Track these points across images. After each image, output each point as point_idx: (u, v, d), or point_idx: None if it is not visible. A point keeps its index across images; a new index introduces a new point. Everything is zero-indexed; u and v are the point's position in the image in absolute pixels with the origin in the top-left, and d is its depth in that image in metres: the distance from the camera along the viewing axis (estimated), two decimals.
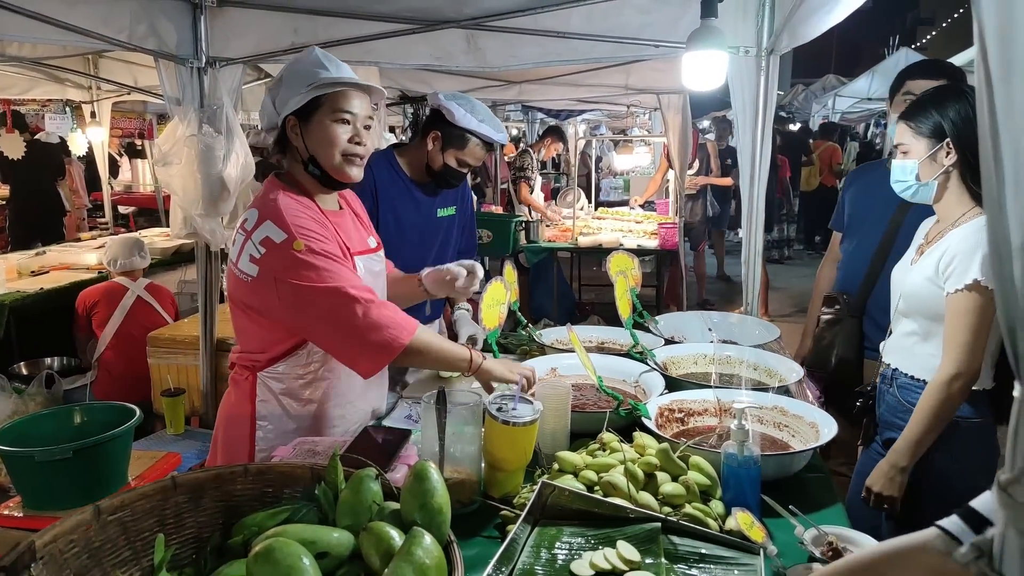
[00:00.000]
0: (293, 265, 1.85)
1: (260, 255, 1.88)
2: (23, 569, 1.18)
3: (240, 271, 1.92)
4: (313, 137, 1.97)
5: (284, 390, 2.07)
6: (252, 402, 2.07)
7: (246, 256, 1.90)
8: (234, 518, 1.47)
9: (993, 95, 0.58)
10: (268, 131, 2.05)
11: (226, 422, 2.18)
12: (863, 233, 2.81)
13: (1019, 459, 0.63)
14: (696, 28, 2.72)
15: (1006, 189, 0.59)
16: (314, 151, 1.97)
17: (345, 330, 1.87)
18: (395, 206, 2.90)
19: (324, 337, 1.94)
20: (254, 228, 1.90)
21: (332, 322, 1.87)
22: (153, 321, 4.49)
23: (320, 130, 1.96)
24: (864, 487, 2.17)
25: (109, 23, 3.06)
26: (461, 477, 1.71)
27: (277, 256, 1.86)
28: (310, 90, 1.92)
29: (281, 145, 2.04)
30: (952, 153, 2.05)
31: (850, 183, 3.02)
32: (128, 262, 4.55)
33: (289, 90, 1.95)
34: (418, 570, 1.13)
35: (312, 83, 1.93)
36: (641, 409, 2.08)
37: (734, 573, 1.42)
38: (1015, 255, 0.60)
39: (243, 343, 2.12)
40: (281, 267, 1.86)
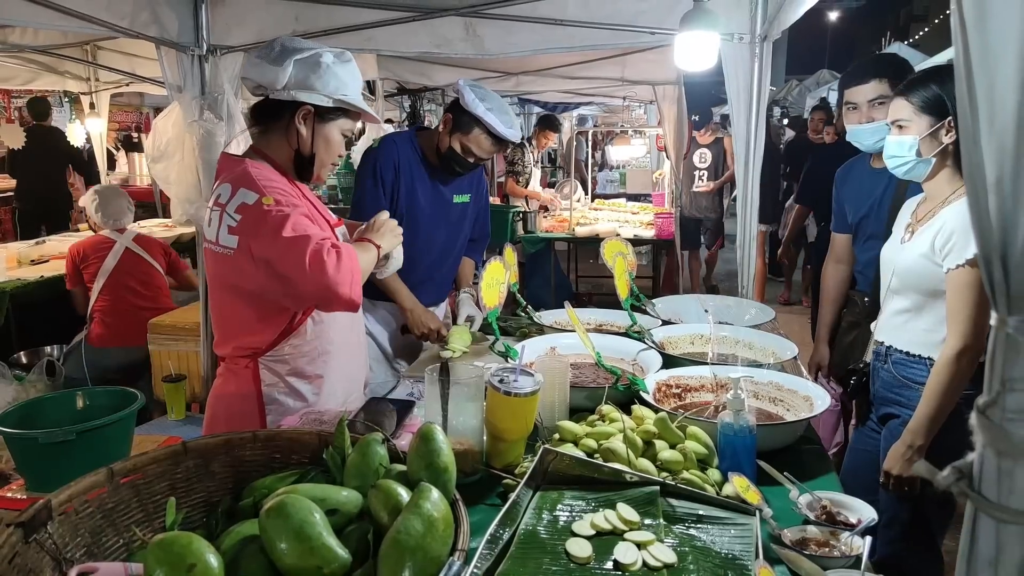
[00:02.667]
0: (263, 218, 1.85)
1: (237, 222, 1.88)
2: (40, 526, 1.22)
3: (220, 246, 1.92)
4: (321, 137, 2.04)
5: (291, 370, 2.09)
6: (257, 388, 2.08)
7: (224, 228, 1.90)
8: (243, 483, 1.51)
9: (967, 39, 0.62)
10: (255, 92, 2.02)
11: (227, 412, 2.15)
12: (869, 232, 2.78)
13: (995, 383, 0.67)
14: (689, 10, 2.75)
15: (980, 127, 0.63)
16: (317, 149, 2.04)
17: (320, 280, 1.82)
18: (413, 185, 2.95)
19: (295, 293, 1.89)
20: (228, 200, 1.90)
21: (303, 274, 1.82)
22: (144, 270, 4.57)
23: (331, 136, 2.06)
24: (883, 472, 2.15)
25: (112, 9, 3.08)
26: (464, 448, 1.75)
27: (251, 216, 1.87)
28: (339, 102, 2.01)
29: (266, 116, 2.04)
30: (952, 131, 2.06)
31: (842, 183, 2.98)
32: (116, 213, 4.58)
33: (318, 80, 1.97)
34: (426, 522, 1.17)
35: (344, 98, 2.01)
36: (639, 384, 2.12)
37: (731, 532, 1.47)
38: (990, 190, 0.64)
39: (236, 332, 2.09)
40: (254, 224, 1.86)
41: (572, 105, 10.14)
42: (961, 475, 0.70)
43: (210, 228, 1.95)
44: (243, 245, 1.87)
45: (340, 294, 1.83)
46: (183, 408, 3.78)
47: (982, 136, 0.63)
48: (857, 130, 2.65)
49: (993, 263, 0.65)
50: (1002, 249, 0.64)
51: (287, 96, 1.97)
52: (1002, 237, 0.64)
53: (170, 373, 3.86)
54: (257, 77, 1.97)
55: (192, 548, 1.13)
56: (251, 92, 2.04)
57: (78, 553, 1.28)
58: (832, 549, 1.46)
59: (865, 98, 2.61)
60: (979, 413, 0.67)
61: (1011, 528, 0.67)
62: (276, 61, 1.95)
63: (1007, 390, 0.66)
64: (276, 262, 1.84)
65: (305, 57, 1.96)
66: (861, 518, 1.57)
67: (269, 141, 2.06)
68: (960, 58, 0.63)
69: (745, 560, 1.38)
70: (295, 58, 1.95)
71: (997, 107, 0.62)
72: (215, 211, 1.93)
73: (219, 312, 2.10)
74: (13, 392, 3.82)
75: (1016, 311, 0.65)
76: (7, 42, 4.92)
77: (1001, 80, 0.62)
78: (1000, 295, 0.66)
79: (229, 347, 2.12)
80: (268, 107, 2.02)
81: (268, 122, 2.05)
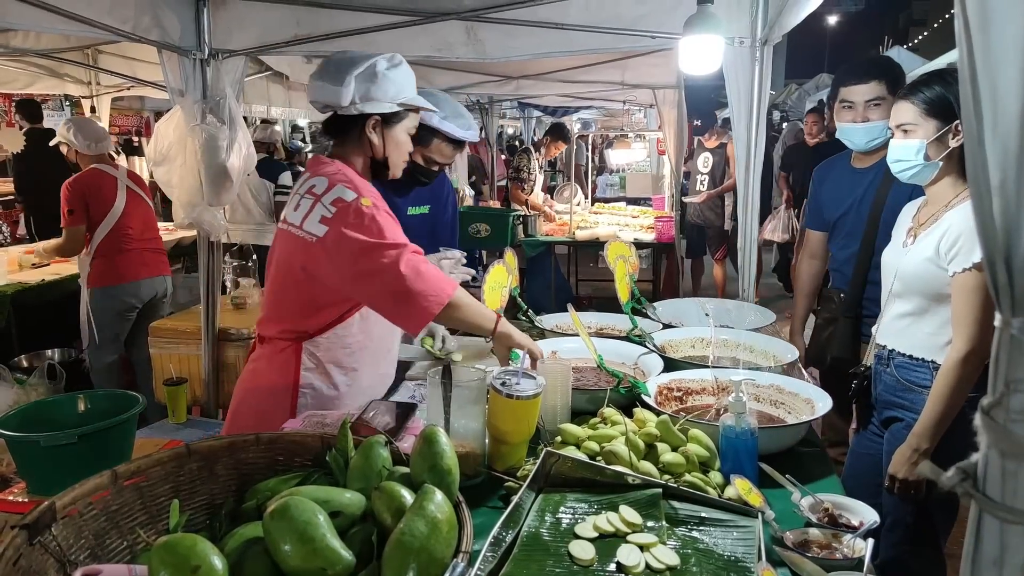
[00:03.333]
0: (359, 218, 1.96)
1: (331, 214, 1.97)
2: (44, 529, 1.22)
3: (305, 231, 2.00)
4: (392, 142, 2.18)
5: (331, 359, 2.17)
6: (294, 372, 2.15)
7: (315, 217, 1.99)
8: (246, 486, 1.51)
9: (971, 42, 0.63)
10: (323, 111, 2.14)
11: (256, 393, 2.23)
12: (847, 231, 2.81)
13: (1000, 384, 0.67)
14: (692, 13, 2.76)
15: (984, 130, 0.63)
16: (389, 153, 2.18)
17: (398, 284, 1.92)
18: None
19: (378, 291, 1.98)
20: (324, 192, 2.01)
21: (387, 275, 1.92)
22: (138, 204, 4.74)
23: (399, 137, 2.20)
24: (888, 476, 2.15)
25: (113, 13, 3.09)
26: (466, 450, 1.75)
27: (347, 212, 1.97)
28: (403, 106, 2.14)
29: (338, 131, 2.17)
30: (960, 135, 2.04)
31: (821, 181, 3.00)
32: (97, 136, 4.66)
33: (378, 90, 2.08)
34: (430, 523, 1.17)
35: (404, 100, 2.13)
36: (641, 387, 2.13)
37: (733, 535, 1.47)
38: (994, 192, 0.64)
39: (290, 313, 2.17)
40: (349, 221, 1.95)
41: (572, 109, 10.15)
42: (966, 476, 0.70)
43: (295, 213, 2.04)
44: (333, 236, 1.95)
45: (423, 304, 1.93)
46: (184, 411, 3.77)
47: (986, 139, 0.63)
48: (849, 128, 2.66)
49: (997, 265, 0.65)
50: (1006, 251, 0.64)
51: (355, 111, 2.09)
52: (1006, 239, 0.64)
53: (171, 376, 3.86)
54: (324, 99, 2.09)
55: (196, 550, 1.13)
56: (319, 111, 2.16)
57: (82, 555, 1.28)
58: (834, 551, 1.46)
59: (863, 98, 2.62)
60: (983, 414, 0.68)
61: (1016, 528, 0.68)
62: (337, 80, 2.06)
63: (1011, 391, 0.66)
64: (368, 258, 1.93)
65: (363, 70, 2.07)
66: (863, 520, 1.58)
67: (345, 151, 2.18)
68: (964, 61, 0.64)
69: (748, 562, 1.38)
70: (354, 74, 2.05)
71: (1000, 110, 0.62)
72: (307, 199, 2.03)
73: (279, 292, 2.18)
74: (14, 395, 3.82)
75: (1020, 312, 0.65)
76: (8, 46, 4.92)
77: (1005, 83, 0.62)
78: (1004, 297, 0.66)
79: (276, 328, 2.20)
80: (338, 122, 2.15)
81: (341, 135, 2.18)
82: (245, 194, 5.78)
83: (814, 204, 3.01)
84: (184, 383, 3.80)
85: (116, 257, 4.58)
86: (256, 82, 5.90)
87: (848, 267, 2.76)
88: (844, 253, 2.82)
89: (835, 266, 2.91)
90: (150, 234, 4.82)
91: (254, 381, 2.25)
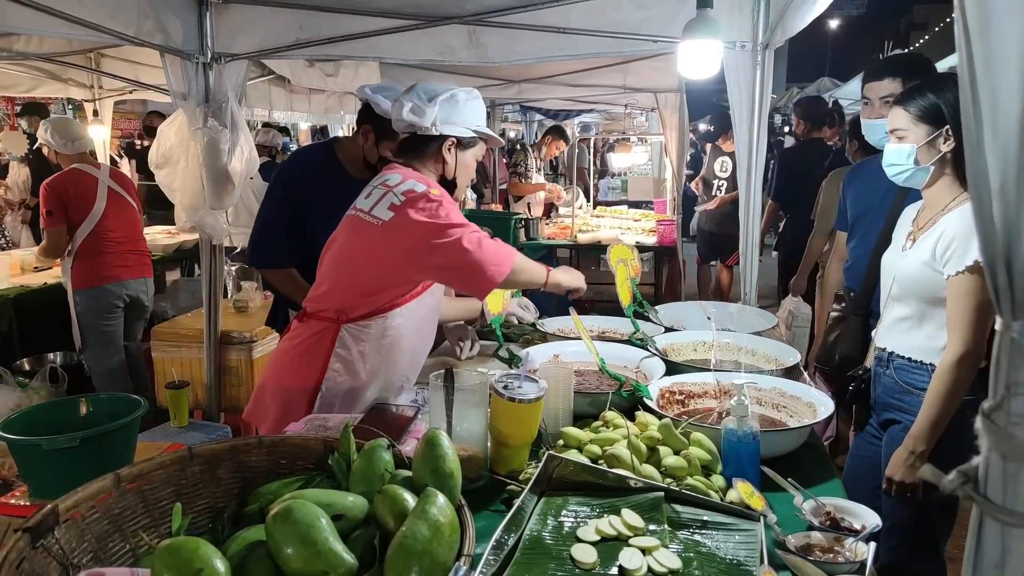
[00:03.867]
0: (426, 204, 2.15)
1: (400, 202, 2.17)
2: (47, 532, 1.22)
3: (372, 216, 2.20)
4: (462, 164, 2.38)
5: (364, 347, 2.28)
6: (329, 348, 2.27)
7: (384, 204, 2.19)
8: (248, 489, 1.51)
9: (971, 46, 0.63)
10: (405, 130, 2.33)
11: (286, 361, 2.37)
12: (864, 230, 2.83)
13: (1000, 387, 0.67)
14: (692, 18, 2.77)
15: (984, 134, 0.64)
16: (458, 174, 2.39)
17: (463, 256, 2.12)
18: (331, 202, 2.81)
19: (446, 263, 2.16)
20: (397, 184, 2.22)
21: (452, 249, 2.12)
22: (121, 205, 4.71)
23: (469, 161, 2.42)
24: (885, 478, 2.16)
25: (116, 17, 3.10)
26: (468, 454, 1.75)
27: (417, 200, 2.16)
28: (475, 132, 2.35)
29: (415, 149, 2.34)
30: (951, 140, 2.07)
31: (849, 182, 3.03)
32: (75, 135, 4.65)
33: (458, 115, 2.29)
34: (432, 527, 1.17)
35: (479, 127, 2.36)
36: (643, 390, 2.13)
37: (735, 538, 1.47)
38: (994, 196, 0.64)
39: (343, 293, 2.29)
40: (418, 205, 2.15)
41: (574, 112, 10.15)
42: (966, 479, 0.70)
43: (366, 200, 2.26)
44: (399, 219, 2.15)
45: (488, 272, 2.15)
46: (186, 415, 3.77)
47: (986, 143, 0.64)
48: (867, 124, 2.71)
49: (998, 268, 0.65)
50: (1006, 254, 0.65)
51: (435, 131, 2.28)
52: (1006, 242, 0.64)
53: (173, 380, 3.87)
54: (410, 119, 2.27)
55: (199, 553, 1.13)
56: (400, 132, 2.36)
57: (85, 558, 1.28)
58: (837, 555, 1.46)
59: (878, 94, 2.67)
60: (984, 417, 0.68)
61: (1017, 531, 0.68)
62: (424, 104, 2.26)
63: (1012, 394, 0.66)
64: (435, 236, 2.13)
65: (446, 97, 2.28)
66: (865, 524, 1.58)
67: (419, 167, 2.35)
68: (964, 65, 0.64)
69: (750, 566, 1.38)
70: (440, 99, 2.26)
71: (1000, 114, 0.63)
72: (379, 189, 2.25)
73: (338, 271, 2.31)
74: (16, 399, 3.82)
75: (1021, 316, 0.65)
76: (11, 50, 4.94)
77: (1004, 87, 0.63)
78: (1004, 300, 0.66)
79: (323, 304, 2.32)
80: (415, 142, 2.33)
81: (416, 155, 2.35)
82: (248, 197, 5.78)
83: (842, 205, 3.04)
84: (186, 386, 3.80)
85: (97, 259, 4.56)
86: (258, 86, 5.91)
87: (860, 265, 2.78)
88: (857, 252, 2.85)
89: (847, 264, 2.93)
90: (133, 236, 4.79)
91: (289, 351, 2.37)
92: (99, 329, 4.62)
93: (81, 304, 4.57)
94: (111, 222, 4.61)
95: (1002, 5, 0.61)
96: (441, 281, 2.35)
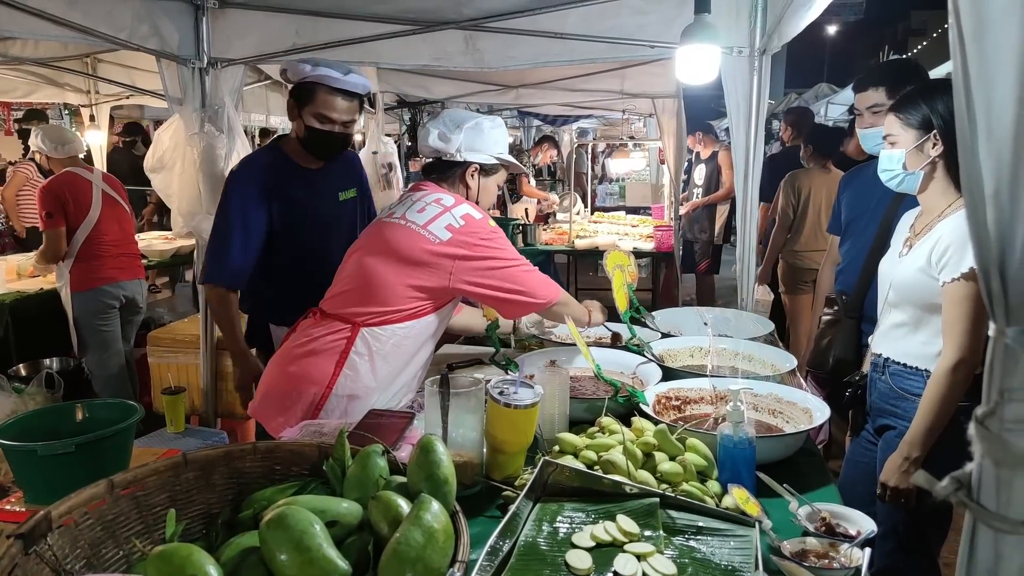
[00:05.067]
0: (489, 235, 2.31)
1: (459, 226, 2.28)
2: (40, 538, 1.22)
3: (429, 232, 2.28)
4: (484, 189, 2.51)
5: (380, 349, 2.33)
6: (345, 349, 2.32)
7: (442, 223, 2.29)
8: (243, 495, 1.50)
9: (966, 52, 0.63)
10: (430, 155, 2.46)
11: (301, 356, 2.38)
12: (857, 233, 2.85)
13: (994, 394, 0.67)
14: (690, 23, 2.77)
15: (979, 139, 0.64)
16: (481, 198, 2.50)
17: (513, 285, 2.31)
18: (291, 196, 2.81)
19: (494, 289, 2.31)
20: (453, 206, 2.33)
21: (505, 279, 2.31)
22: (114, 208, 4.75)
23: (491, 187, 2.54)
24: (879, 484, 2.16)
25: (111, 22, 3.10)
26: (464, 460, 1.75)
27: (477, 226, 2.30)
28: (498, 159, 2.47)
29: (439, 172, 2.47)
30: (939, 144, 2.09)
31: (845, 186, 3.06)
32: (64, 139, 4.69)
33: (481, 143, 2.42)
34: (426, 533, 1.17)
35: (501, 155, 2.48)
36: (639, 396, 2.13)
37: (730, 544, 1.46)
38: (988, 201, 0.64)
39: (367, 297, 2.33)
40: (480, 235, 2.29)
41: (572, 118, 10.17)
42: (960, 485, 0.70)
43: (419, 214, 2.33)
44: (458, 241, 2.26)
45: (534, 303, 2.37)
46: (182, 420, 3.76)
47: (980, 148, 0.64)
48: (864, 134, 2.71)
49: (991, 274, 0.65)
50: (1000, 260, 0.65)
51: (460, 157, 2.40)
52: (1000, 248, 0.64)
53: (169, 385, 3.86)
54: (437, 146, 2.40)
55: (192, 559, 1.12)
56: (426, 156, 2.49)
57: (78, 565, 1.27)
58: (832, 561, 1.46)
59: (864, 105, 2.69)
60: (977, 423, 0.68)
61: (1010, 538, 0.68)
62: (450, 131, 2.39)
63: (1005, 400, 0.66)
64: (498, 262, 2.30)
65: (471, 125, 2.40)
66: (860, 530, 1.57)
67: (453, 191, 2.44)
68: (959, 71, 0.64)
69: (745, 572, 1.38)
70: (465, 127, 2.39)
71: (995, 120, 0.63)
72: (434, 207, 2.33)
73: (370, 275, 2.33)
74: (12, 404, 3.80)
75: (1014, 322, 0.65)
76: (7, 54, 4.94)
77: (999, 93, 0.63)
78: (998, 306, 0.66)
79: (344, 305, 2.37)
80: (439, 167, 2.46)
81: (442, 177, 2.46)
82: None
83: (836, 208, 3.06)
84: (183, 392, 3.79)
85: (94, 261, 4.59)
86: (255, 91, 5.91)
87: (853, 268, 2.79)
88: (850, 255, 2.87)
89: (841, 268, 2.94)
90: (126, 238, 4.83)
91: (303, 349, 2.38)
92: (97, 331, 4.63)
93: (78, 307, 4.57)
94: (106, 225, 4.64)
95: (997, 11, 0.61)
96: (484, 301, 2.46)
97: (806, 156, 5.30)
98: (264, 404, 2.42)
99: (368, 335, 2.31)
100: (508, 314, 2.49)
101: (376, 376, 2.34)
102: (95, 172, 4.77)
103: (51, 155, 4.65)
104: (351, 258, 2.43)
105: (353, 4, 3.46)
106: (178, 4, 3.40)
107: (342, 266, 2.46)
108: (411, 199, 2.41)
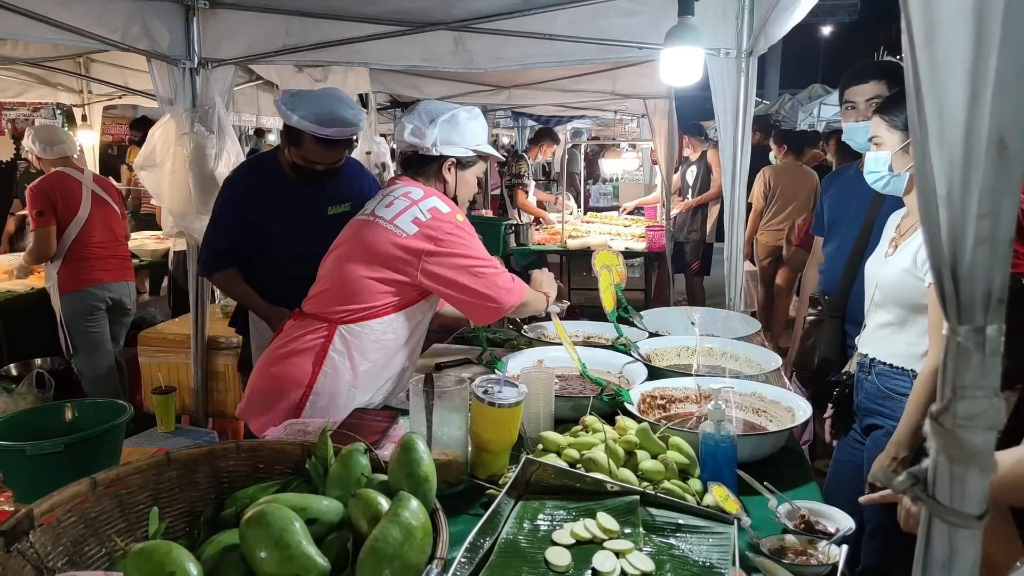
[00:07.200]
0: (455, 229, 2.29)
1: (426, 219, 2.27)
2: (21, 535, 1.23)
3: (395, 226, 2.28)
4: (462, 182, 2.50)
5: (358, 346, 2.33)
6: (323, 348, 2.33)
7: (408, 217, 2.28)
8: (226, 494, 1.52)
9: (916, 56, 0.64)
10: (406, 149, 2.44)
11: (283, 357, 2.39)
12: (841, 234, 2.83)
13: (947, 391, 0.69)
14: (673, 25, 2.78)
15: (930, 142, 0.65)
16: (459, 191, 2.49)
17: (479, 287, 2.28)
18: (279, 205, 2.91)
19: (459, 290, 2.28)
20: (421, 199, 2.32)
21: (471, 279, 2.27)
22: (104, 210, 4.75)
23: (469, 180, 2.52)
24: (868, 484, 2.17)
25: (103, 23, 3.11)
26: (448, 458, 1.76)
27: (443, 221, 2.29)
28: (475, 151, 2.44)
29: (417, 167, 2.45)
30: None
31: (827, 187, 3.05)
32: (56, 140, 4.69)
33: (458, 136, 2.39)
34: (404, 530, 1.18)
35: (479, 147, 2.45)
36: (624, 395, 2.14)
37: (709, 541, 1.48)
38: (940, 203, 0.66)
39: (344, 295, 2.34)
40: (445, 229, 2.27)
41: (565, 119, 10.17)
42: (916, 481, 0.72)
43: (387, 209, 2.33)
44: (424, 235, 2.26)
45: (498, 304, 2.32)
46: (172, 420, 3.76)
47: (932, 151, 0.65)
48: (852, 127, 2.70)
49: (944, 274, 0.66)
50: (952, 261, 0.66)
51: (436, 152, 2.38)
52: (952, 249, 0.66)
53: (159, 385, 3.86)
54: (411, 141, 2.38)
55: (172, 557, 1.13)
56: (402, 150, 2.48)
57: (60, 562, 1.28)
58: (809, 558, 1.47)
59: (863, 97, 2.66)
60: (932, 420, 0.69)
61: (963, 532, 0.69)
62: (424, 125, 2.36)
63: (958, 397, 0.68)
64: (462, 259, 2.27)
65: (447, 118, 2.37)
66: (839, 527, 1.59)
67: (429, 185, 2.44)
68: (910, 74, 0.65)
69: (722, 568, 1.39)
70: (440, 120, 2.36)
71: (946, 123, 0.64)
72: (402, 200, 2.33)
73: (343, 273, 2.35)
74: (2, 404, 3.80)
75: (966, 321, 0.67)
76: None
77: (950, 96, 0.64)
78: (951, 305, 0.67)
79: (321, 305, 2.39)
80: (415, 161, 2.44)
81: (420, 171, 2.44)
82: None
83: (819, 210, 3.05)
84: (173, 392, 3.79)
85: (81, 263, 4.58)
86: (246, 91, 5.91)
87: (836, 268, 2.79)
88: (833, 256, 2.85)
89: (824, 268, 2.94)
90: (115, 240, 4.82)
91: (284, 349, 2.40)
92: (85, 332, 4.62)
93: (66, 308, 4.57)
94: (95, 227, 4.64)
95: (946, 15, 0.63)
96: (451, 302, 2.39)
97: (780, 155, 6.87)
98: (249, 405, 2.44)
99: (345, 332, 2.32)
100: (477, 320, 2.44)
101: (356, 373, 2.34)
102: (86, 173, 4.75)
103: (41, 156, 4.64)
104: (329, 258, 2.45)
105: (342, 5, 3.47)
106: (169, 4, 3.41)
107: (321, 266, 2.47)
108: (382, 194, 2.42)
